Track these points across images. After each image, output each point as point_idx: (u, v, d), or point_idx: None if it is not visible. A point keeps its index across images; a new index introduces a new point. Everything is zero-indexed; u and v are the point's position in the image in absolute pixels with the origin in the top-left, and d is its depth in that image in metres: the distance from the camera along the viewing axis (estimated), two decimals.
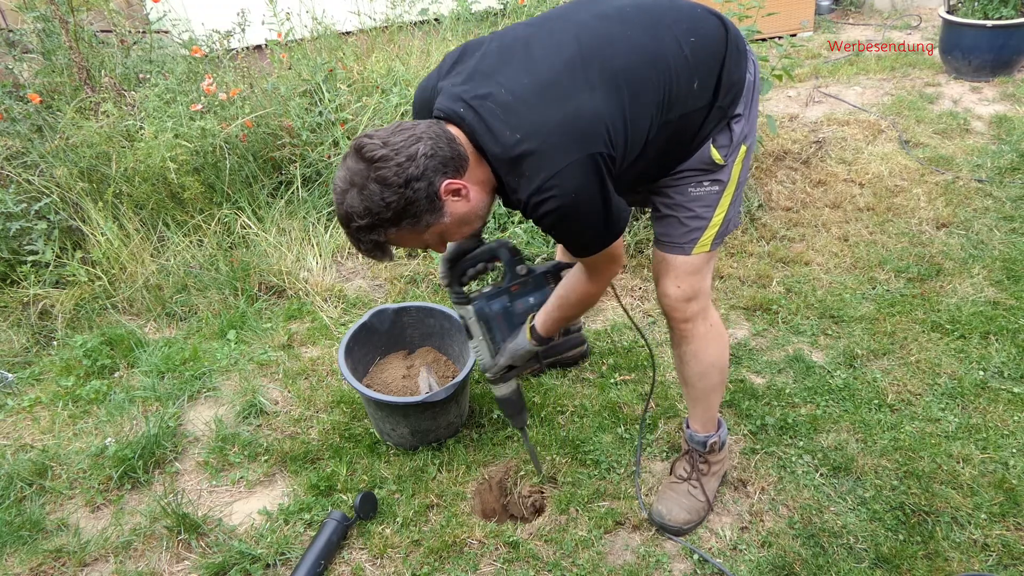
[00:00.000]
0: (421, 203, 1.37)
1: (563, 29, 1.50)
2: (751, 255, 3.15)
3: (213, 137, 3.17)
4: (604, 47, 1.46)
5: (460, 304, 1.87)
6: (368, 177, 1.34)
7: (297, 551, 1.96)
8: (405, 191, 1.35)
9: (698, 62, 1.54)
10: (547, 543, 1.96)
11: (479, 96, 1.42)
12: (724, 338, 1.89)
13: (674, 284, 1.76)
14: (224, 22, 3.94)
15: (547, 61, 1.44)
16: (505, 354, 1.86)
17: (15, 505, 2.14)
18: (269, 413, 2.44)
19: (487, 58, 1.49)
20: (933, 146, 3.93)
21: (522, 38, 1.51)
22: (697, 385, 1.93)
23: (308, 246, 3.21)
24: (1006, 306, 2.71)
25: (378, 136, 1.37)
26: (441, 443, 2.27)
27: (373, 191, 1.35)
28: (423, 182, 1.35)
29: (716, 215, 1.71)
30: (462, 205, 1.44)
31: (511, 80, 1.42)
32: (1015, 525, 1.93)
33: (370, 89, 3.78)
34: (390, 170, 1.33)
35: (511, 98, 1.40)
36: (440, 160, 1.37)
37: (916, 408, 2.32)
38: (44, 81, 3.61)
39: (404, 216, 1.38)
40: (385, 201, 1.35)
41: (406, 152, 1.34)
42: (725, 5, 3.11)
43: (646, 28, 1.51)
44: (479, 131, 1.41)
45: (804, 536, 1.94)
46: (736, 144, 1.65)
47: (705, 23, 1.58)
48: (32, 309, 2.90)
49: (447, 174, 1.39)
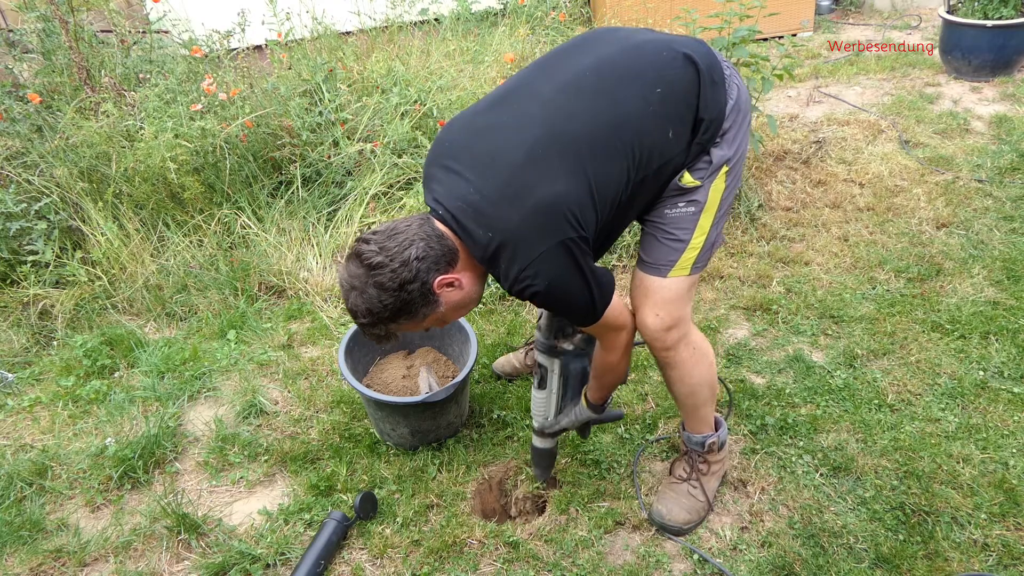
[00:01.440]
0: (416, 301, 1.50)
1: (525, 111, 1.53)
2: (751, 255, 3.15)
3: (213, 137, 3.17)
4: (564, 127, 1.49)
5: (548, 355, 1.92)
6: (367, 283, 1.48)
7: (297, 551, 1.96)
8: (400, 294, 1.48)
9: (668, 111, 1.53)
10: (547, 543, 1.96)
11: (454, 200, 1.51)
12: (709, 356, 1.86)
13: (652, 313, 1.72)
14: (224, 22, 3.94)
15: (510, 152, 1.48)
16: (569, 416, 1.95)
17: (15, 505, 2.14)
18: (269, 413, 2.44)
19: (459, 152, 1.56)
20: (933, 146, 3.93)
21: (488, 125, 1.56)
22: (687, 403, 1.94)
23: (308, 246, 3.21)
24: (1006, 306, 2.71)
25: (375, 242, 1.49)
26: (441, 443, 2.27)
27: (372, 295, 1.48)
28: (416, 283, 1.48)
29: (696, 237, 1.67)
30: (456, 293, 1.56)
31: (478, 179, 1.49)
32: (1015, 525, 1.93)
33: (370, 89, 3.78)
34: (385, 276, 1.46)
35: (479, 199, 1.48)
36: (432, 260, 1.49)
37: (916, 408, 2.32)
38: (44, 81, 3.61)
39: (401, 314, 1.52)
40: (383, 303, 1.48)
41: (400, 258, 1.46)
42: (727, 5, 3.12)
43: (606, 93, 1.51)
44: (460, 233, 1.51)
45: (804, 536, 1.94)
46: (715, 166, 1.62)
47: (671, 68, 1.54)
48: (32, 309, 2.90)
49: (439, 271, 1.50)
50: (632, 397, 2.43)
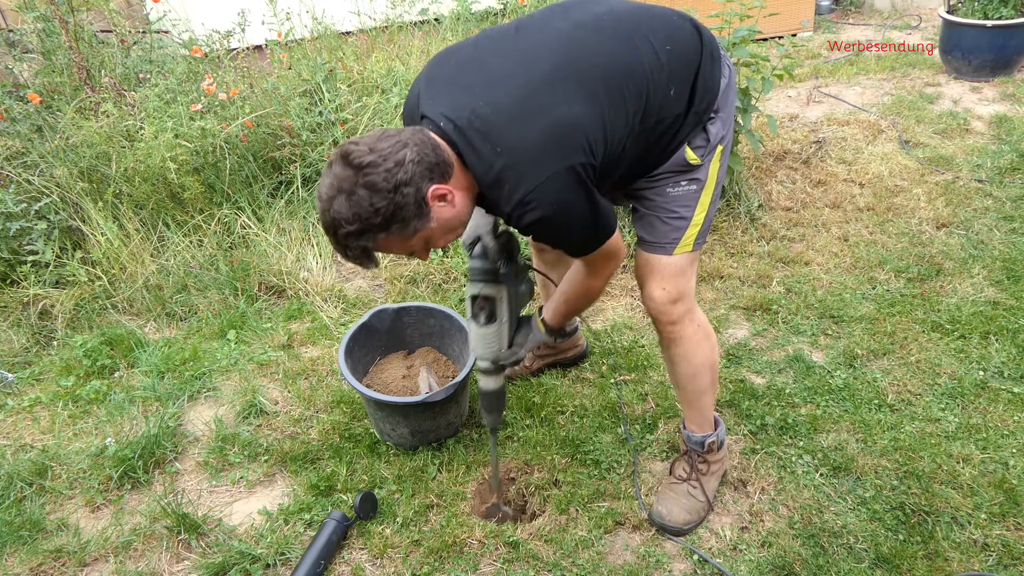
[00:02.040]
0: (409, 208, 1.37)
1: (541, 39, 1.51)
2: (751, 255, 3.15)
3: (213, 137, 3.17)
4: (582, 57, 1.47)
5: (493, 283, 1.78)
6: (356, 183, 1.34)
7: (297, 551, 1.96)
8: (394, 196, 1.35)
9: (674, 70, 1.55)
10: (547, 543, 1.96)
11: (461, 111, 1.43)
12: (712, 338, 1.90)
13: (659, 287, 1.75)
14: (224, 22, 3.94)
15: (526, 73, 1.45)
16: (525, 345, 1.88)
17: (15, 505, 2.14)
18: (269, 413, 2.44)
19: (468, 68, 1.50)
20: (933, 146, 3.93)
21: (501, 48, 1.52)
22: (688, 387, 1.94)
23: (308, 246, 3.21)
24: (1006, 306, 2.71)
25: (364, 143, 1.37)
26: (441, 443, 2.27)
27: (362, 197, 1.34)
28: (411, 187, 1.35)
29: (697, 214, 1.72)
30: (448, 210, 1.44)
31: (491, 94, 1.43)
32: (1015, 525, 1.93)
33: (370, 89, 3.78)
34: (379, 175, 1.33)
35: (491, 113, 1.41)
36: (427, 166, 1.37)
37: (916, 408, 2.32)
38: (44, 81, 3.61)
39: (393, 221, 1.38)
40: (374, 207, 1.35)
41: (394, 158, 1.34)
42: (727, 5, 3.12)
43: (623, 37, 1.52)
44: (462, 147, 1.43)
45: (804, 536, 1.94)
46: (712, 144, 1.66)
47: (680, 31, 1.59)
48: (32, 309, 2.90)
49: (433, 180, 1.39)
50: (632, 397, 2.43)
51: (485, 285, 1.79)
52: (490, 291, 1.79)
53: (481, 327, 1.82)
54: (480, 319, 1.81)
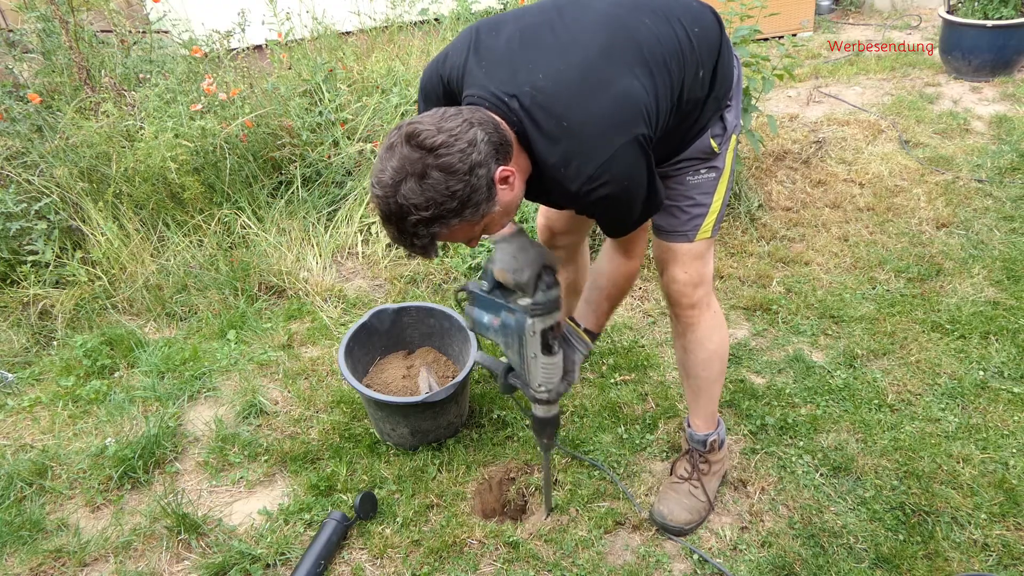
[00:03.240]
0: (482, 191, 1.31)
1: (583, 16, 1.48)
2: (751, 255, 3.14)
3: (213, 137, 3.17)
4: (632, 33, 1.47)
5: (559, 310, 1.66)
6: (429, 165, 1.25)
7: (297, 551, 1.96)
8: (470, 178, 1.27)
9: (701, 52, 1.57)
10: (547, 543, 1.96)
11: (522, 87, 1.38)
12: (725, 327, 1.92)
13: (681, 270, 1.79)
14: (224, 22, 3.94)
15: (580, 47, 1.42)
16: (575, 370, 1.77)
17: (15, 505, 2.14)
18: (269, 413, 2.44)
19: (515, 43, 1.45)
20: (933, 146, 3.93)
21: (545, 22, 1.48)
22: (701, 375, 1.94)
23: (308, 246, 3.21)
24: (1006, 306, 2.71)
25: (428, 122, 1.29)
26: (441, 443, 2.27)
27: (437, 179, 1.25)
28: (484, 168, 1.29)
29: (715, 201, 1.75)
30: (508, 193, 1.39)
31: (549, 68, 1.39)
32: (1015, 525, 1.93)
33: (370, 89, 3.79)
34: (454, 156, 1.26)
35: (553, 87, 1.37)
36: (494, 146, 1.32)
37: (916, 408, 2.32)
38: (44, 81, 3.61)
39: (468, 205, 1.30)
40: (451, 190, 1.27)
41: (465, 137, 1.27)
42: (727, 5, 3.12)
43: (661, 16, 1.53)
44: (526, 123, 1.38)
45: (804, 536, 1.94)
46: (728, 133, 1.70)
47: (704, 16, 1.61)
48: (32, 309, 2.90)
49: (499, 161, 1.34)
50: (632, 397, 2.43)
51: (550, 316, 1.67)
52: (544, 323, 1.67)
53: (554, 356, 1.71)
54: (555, 348, 1.70)
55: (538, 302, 1.63)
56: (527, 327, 1.65)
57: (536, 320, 1.64)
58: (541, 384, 1.72)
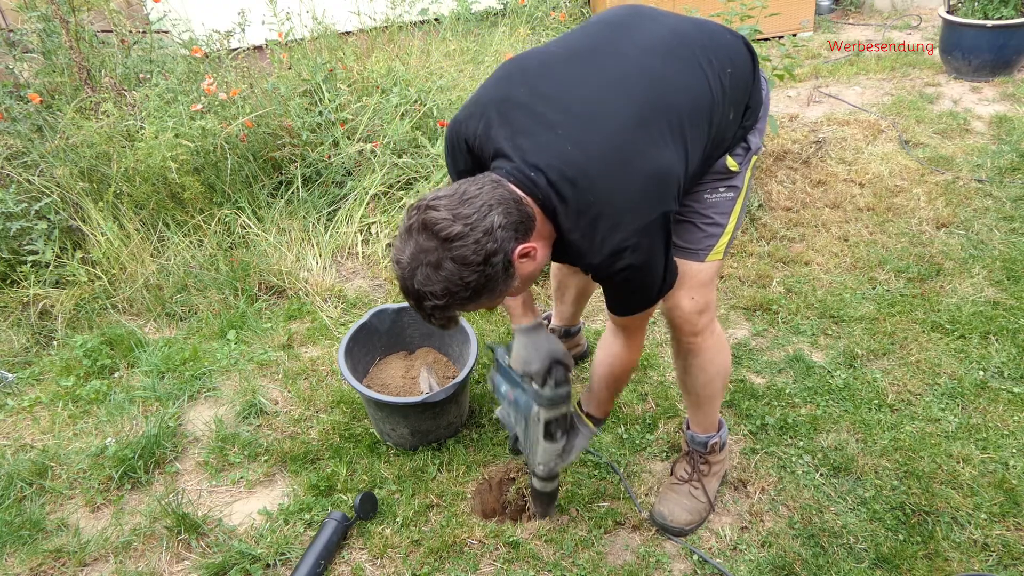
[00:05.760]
0: (499, 276, 1.31)
1: (617, 67, 1.42)
2: (751, 255, 3.15)
3: (213, 137, 3.17)
4: (664, 93, 1.41)
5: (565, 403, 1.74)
6: (443, 256, 1.26)
7: (297, 551, 1.96)
8: (485, 268, 1.27)
9: (734, 93, 1.53)
10: (547, 543, 1.96)
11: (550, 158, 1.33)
12: (727, 349, 1.89)
13: (687, 296, 1.71)
14: (224, 22, 3.94)
15: (612, 114, 1.36)
16: (574, 451, 1.83)
17: (15, 505, 2.14)
18: (269, 413, 2.44)
19: (546, 100, 1.39)
20: (933, 146, 3.93)
21: (576, 77, 1.41)
22: (700, 394, 1.92)
23: (308, 246, 3.21)
24: (1006, 306, 2.71)
25: (445, 207, 1.27)
26: (441, 443, 2.27)
27: (451, 271, 1.26)
28: (500, 255, 1.28)
29: (731, 221, 1.71)
30: (529, 265, 1.38)
31: (580, 138, 1.34)
32: (1015, 525, 1.93)
33: (370, 89, 3.78)
34: (468, 248, 1.25)
35: (583, 159, 1.33)
36: (512, 227, 1.30)
37: (916, 408, 2.32)
38: (44, 81, 3.61)
39: (483, 292, 1.31)
40: (464, 281, 1.27)
41: (482, 227, 1.26)
42: (728, 5, 3.12)
43: (694, 66, 1.47)
44: (552, 197, 1.34)
45: (804, 536, 1.94)
46: (750, 154, 1.67)
47: (736, 52, 1.56)
48: (32, 309, 2.90)
49: (518, 239, 1.32)
50: (632, 397, 2.43)
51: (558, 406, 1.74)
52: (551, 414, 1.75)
53: (556, 443, 1.78)
54: (557, 436, 1.77)
55: (544, 395, 1.70)
56: (533, 413, 1.74)
57: (541, 410, 1.72)
58: (540, 463, 1.82)
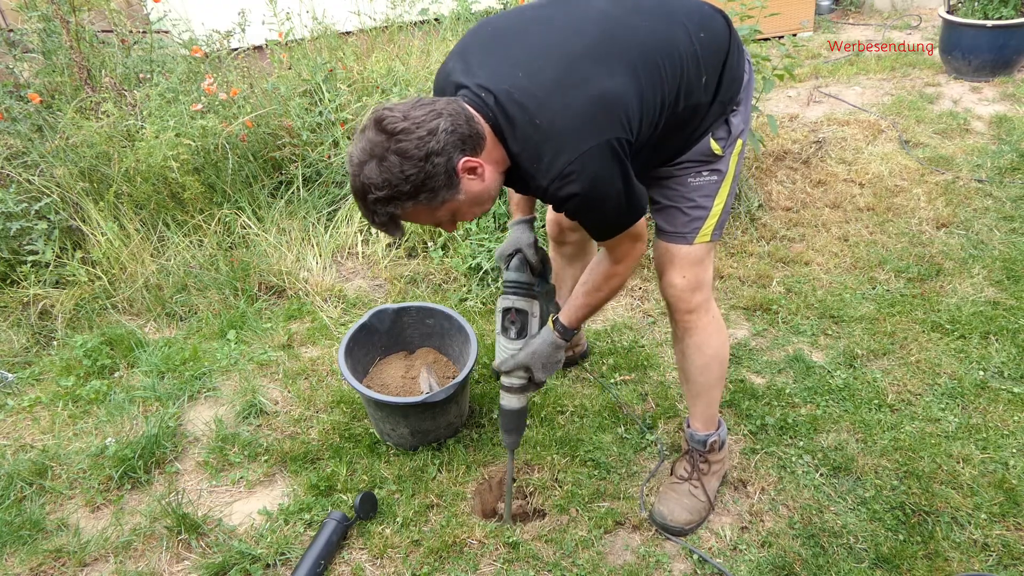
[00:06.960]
0: (439, 178, 1.38)
1: (580, 14, 1.52)
2: (751, 255, 3.14)
3: (214, 137, 3.17)
4: (623, 34, 1.48)
5: (526, 297, 1.79)
6: (388, 149, 1.35)
7: (297, 551, 1.96)
8: (425, 165, 1.35)
9: (706, 58, 1.57)
10: (547, 543, 1.96)
11: (500, 83, 1.43)
12: (725, 332, 1.91)
13: (679, 274, 1.78)
14: (224, 22, 3.94)
15: (566, 45, 1.45)
16: (533, 357, 1.77)
17: (15, 505, 2.14)
18: (269, 413, 2.44)
19: (506, 39, 1.51)
20: (933, 146, 3.93)
21: (542, 20, 1.53)
22: (699, 379, 1.94)
23: (308, 246, 3.21)
24: (1006, 306, 2.71)
25: (398, 109, 1.37)
26: (441, 443, 2.27)
27: (393, 163, 1.35)
28: (442, 157, 1.36)
29: (716, 204, 1.74)
30: (477, 184, 1.44)
31: (530, 65, 1.43)
32: (1015, 525, 1.93)
33: (370, 89, 3.78)
34: (411, 143, 1.34)
35: (530, 85, 1.41)
36: (459, 137, 1.37)
37: (916, 408, 2.32)
38: (44, 81, 3.61)
39: (422, 190, 1.38)
40: (404, 174, 1.35)
41: (427, 126, 1.34)
42: (727, 5, 3.12)
43: (662, 18, 1.54)
44: (500, 120, 1.43)
45: (804, 536, 1.94)
46: (734, 137, 1.69)
47: (713, 20, 1.61)
48: (32, 309, 2.90)
49: (465, 151, 1.39)
50: (632, 397, 2.43)
51: (519, 298, 1.80)
52: (524, 305, 1.80)
53: (511, 341, 1.81)
54: (511, 332, 1.81)
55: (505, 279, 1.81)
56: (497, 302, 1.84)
57: (500, 298, 1.82)
58: (501, 365, 1.83)
